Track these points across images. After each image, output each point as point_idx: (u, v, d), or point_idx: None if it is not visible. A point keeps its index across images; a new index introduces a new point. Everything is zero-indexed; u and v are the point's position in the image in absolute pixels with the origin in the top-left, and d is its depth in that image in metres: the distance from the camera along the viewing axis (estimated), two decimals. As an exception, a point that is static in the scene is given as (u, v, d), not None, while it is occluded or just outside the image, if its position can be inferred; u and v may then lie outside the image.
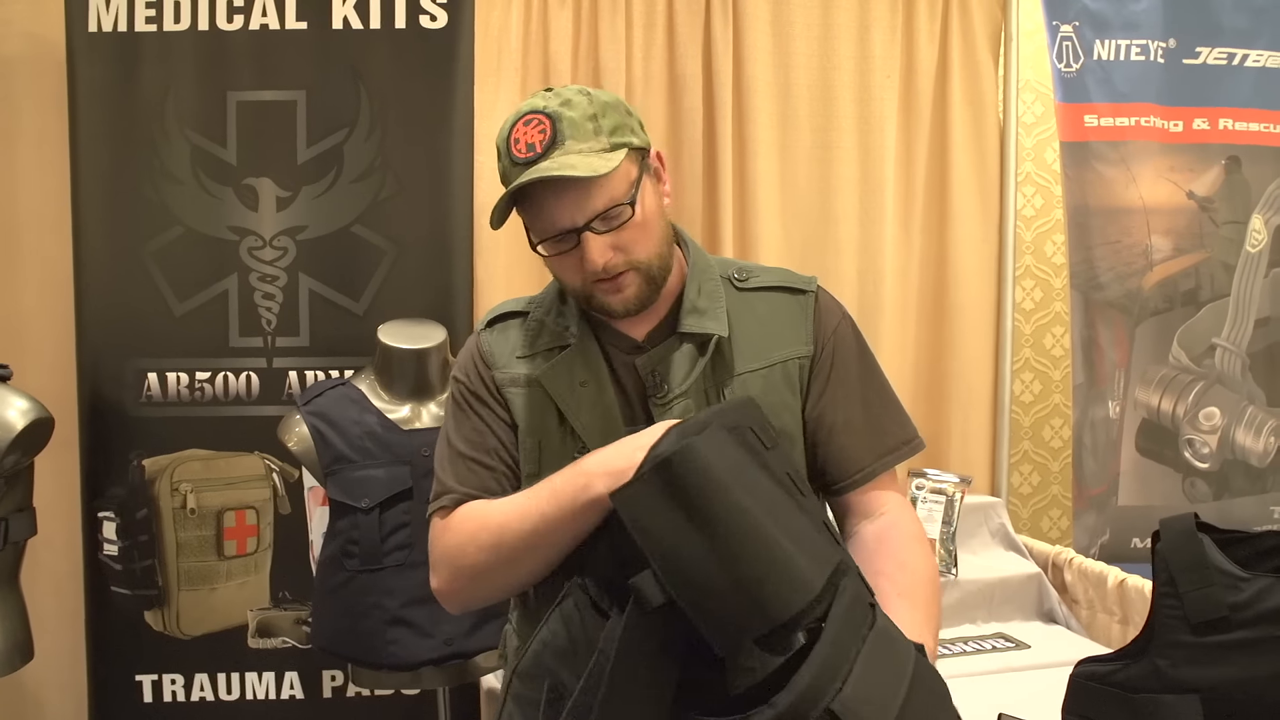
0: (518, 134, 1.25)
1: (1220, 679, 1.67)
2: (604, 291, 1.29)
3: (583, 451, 1.27)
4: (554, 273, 1.34)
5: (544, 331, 1.38)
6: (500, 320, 1.43)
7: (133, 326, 2.47)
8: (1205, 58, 2.91)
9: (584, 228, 1.25)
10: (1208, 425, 2.95)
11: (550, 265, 1.32)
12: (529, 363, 1.37)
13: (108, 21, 2.43)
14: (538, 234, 1.28)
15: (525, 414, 1.35)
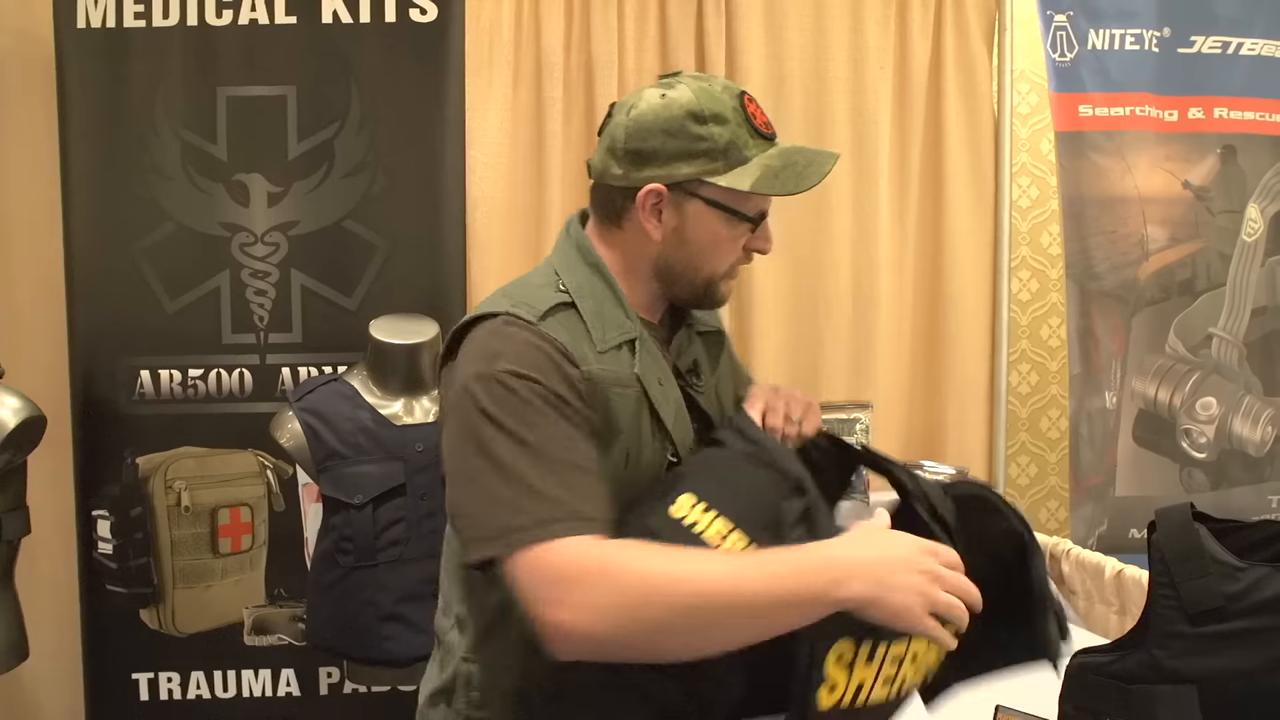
0: (752, 109, 1.28)
1: (1217, 669, 1.67)
2: (731, 278, 1.33)
3: (673, 455, 1.25)
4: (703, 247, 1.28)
5: (608, 323, 1.25)
6: (552, 311, 1.24)
7: (125, 324, 2.46)
8: (1200, 46, 2.90)
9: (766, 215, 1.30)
10: (1205, 415, 2.95)
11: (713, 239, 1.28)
12: (605, 359, 1.23)
13: (96, 17, 2.42)
14: (759, 208, 1.29)
15: (627, 418, 1.22)
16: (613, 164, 1.28)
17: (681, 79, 1.29)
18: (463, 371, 1.20)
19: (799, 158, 1.28)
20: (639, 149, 1.26)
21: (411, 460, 2.06)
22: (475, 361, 1.19)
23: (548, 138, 2.79)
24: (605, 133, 1.31)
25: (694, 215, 1.27)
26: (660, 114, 1.25)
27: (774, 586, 1.07)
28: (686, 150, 1.24)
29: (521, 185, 2.81)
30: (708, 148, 1.24)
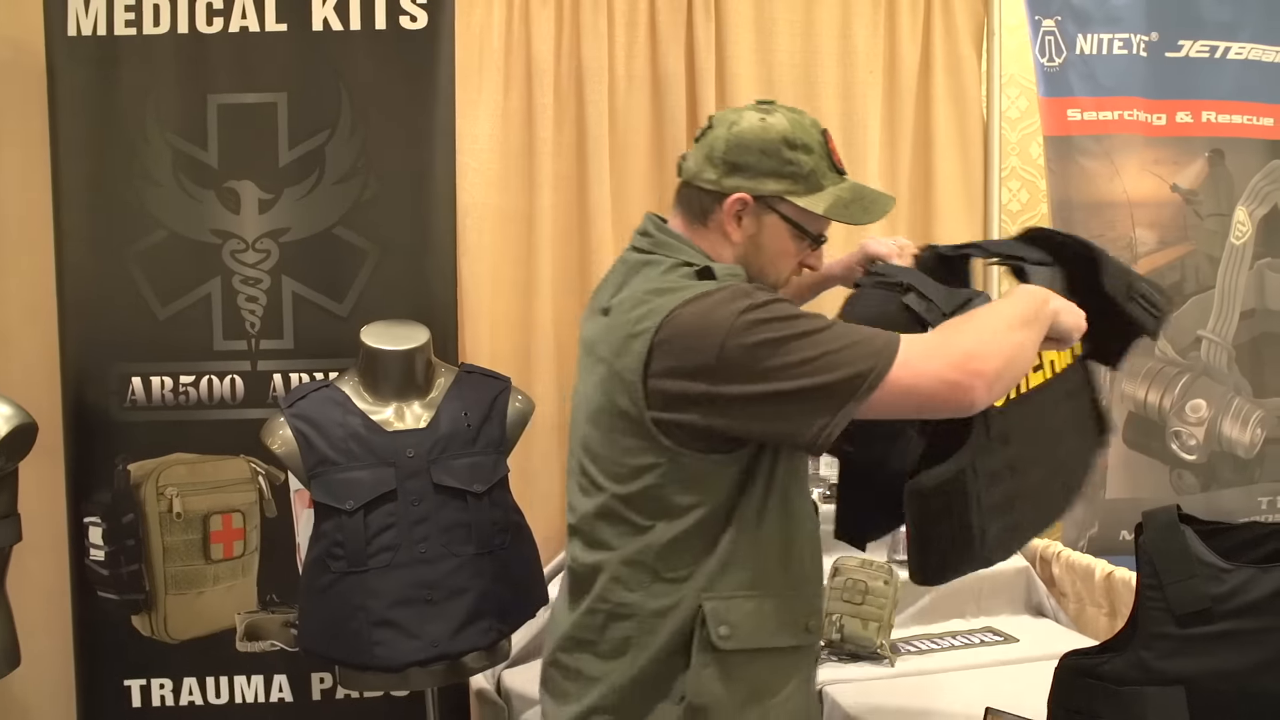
0: (833, 146, 1.51)
1: (1204, 670, 1.68)
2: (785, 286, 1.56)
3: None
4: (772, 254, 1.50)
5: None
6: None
7: (116, 331, 2.46)
8: (1188, 51, 2.92)
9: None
10: (1194, 417, 2.96)
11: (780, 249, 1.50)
12: None
13: (87, 25, 2.42)
14: (818, 231, 1.51)
15: None
16: (708, 169, 1.48)
17: (777, 108, 1.50)
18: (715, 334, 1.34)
19: (866, 194, 1.52)
20: (735, 161, 1.46)
21: (403, 466, 2.06)
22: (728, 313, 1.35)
23: (538, 143, 2.80)
24: (704, 141, 1.51)
25: (770, 226, 1.49)
26: (759, 134, 1.46)
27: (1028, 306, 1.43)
28: (776, 170, 1.46)
29: (512, 191, 2.82)
30: (793, 171, 1.46)
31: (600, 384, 1.46)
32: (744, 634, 1.44)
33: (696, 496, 1.42)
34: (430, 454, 2.08)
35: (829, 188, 1.48)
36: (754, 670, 1.46)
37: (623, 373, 1.40)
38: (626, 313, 1.43)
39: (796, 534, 1.50)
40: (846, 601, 2.31)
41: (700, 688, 1.42)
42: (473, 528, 2.09)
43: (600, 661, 1.48)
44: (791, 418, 1.34)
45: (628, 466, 1.43)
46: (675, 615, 1.44)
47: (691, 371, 1.36)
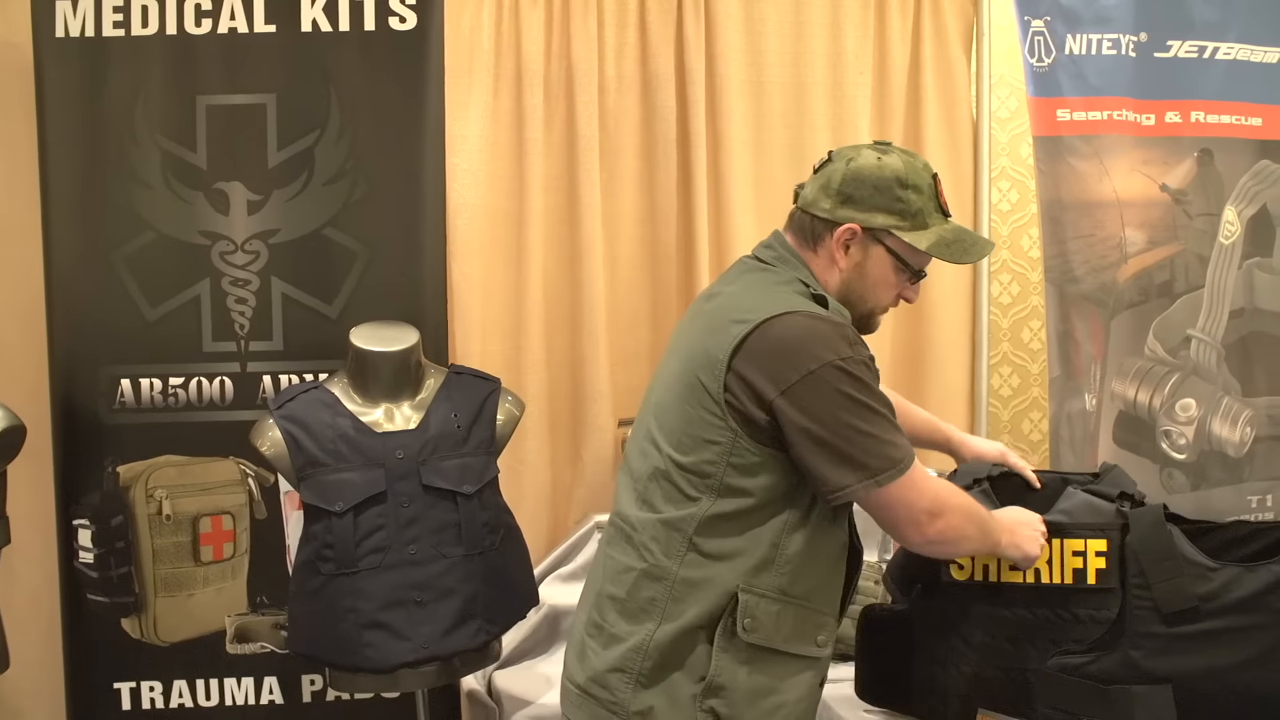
0: (940, 189, 1.64)
1: (1191, 668, 1.68)
2: (881, 317, 1.70)
3: None
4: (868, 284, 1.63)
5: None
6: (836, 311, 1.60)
7: (105, 333, 2.45)
8: (1176, 51, 2.92)
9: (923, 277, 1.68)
10: (1184, 416, 2.96)
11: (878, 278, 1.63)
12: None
13: (75, 26, 2.42)
14: (919, 266, 1.64)
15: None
16: (823, 199, 1.61)
17: (892, 149, 1.63)
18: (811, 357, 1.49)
19: (966, 236, 1.65)
20: (850, 194, 1.59)
21: (392, 467, 2.06)
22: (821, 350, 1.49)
23: (528, 144, 2.80)
24: (822, 173, 1.64)
25: (875, 257, 1.61)
26: (874, 172, 1.59)
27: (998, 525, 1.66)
28: (886, 206, 1.59)
29: (502, 192, 2.82)
30: (903, 209, 1.59)
31: (687, 357, 1.57)
32: (763, 632, 1.54)
33: (748, 484, 1.52)
34: (420, 455, 2.08)
35: (934, 227, 1.60)
36: (768, 666, 1.55)
37: (711, 349, 1.53)
38: (734, 301, 1.58)
39: (832, 556, 1.61)
40: (837, 601, 2.31)
41: (722, 668, 1.52)
42: (462, 529, 2.09)
43: (625, 622, 1.57)
44: (825, 466, 1.49)
45: (691, 437, 1.54)
46: (706, 592, 1.53)
47: (773, 376, 1.49)
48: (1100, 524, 1.73)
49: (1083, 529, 1.73)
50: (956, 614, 1.82)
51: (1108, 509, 1.75)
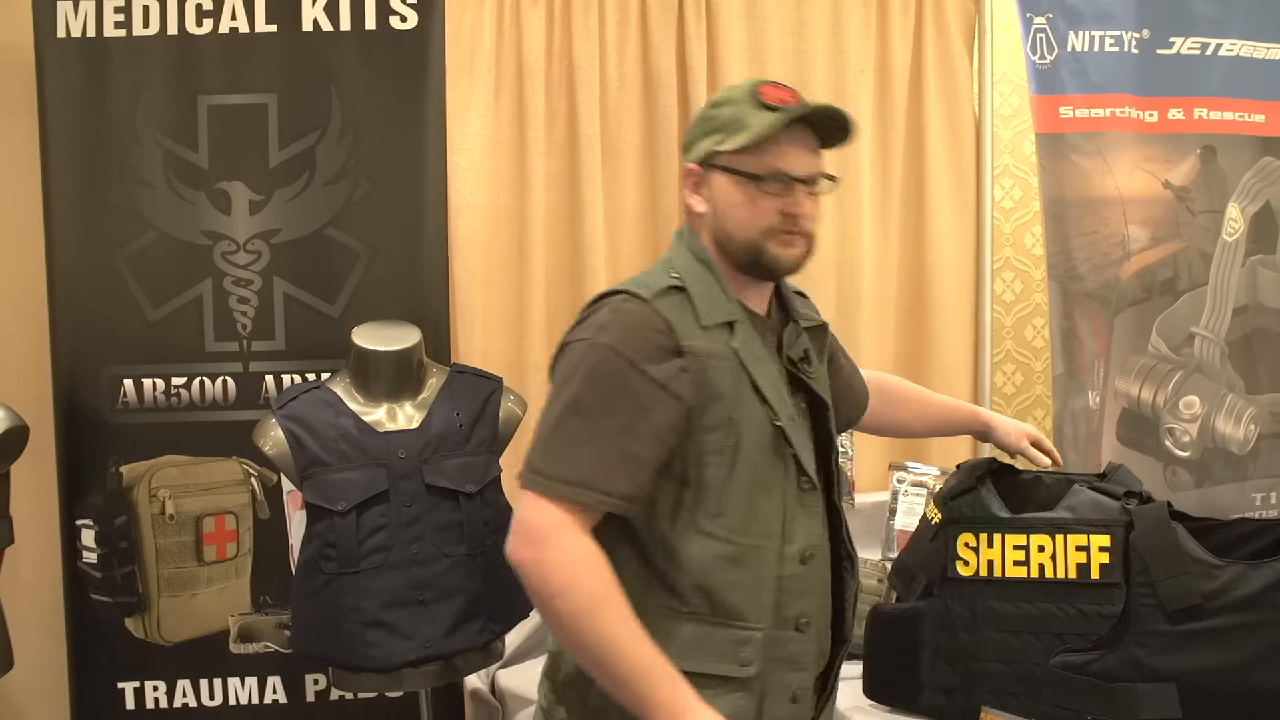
0: (765, 90, 1.44)
1: (1196, 666, 1.68)
2: (782, 243, 1.45)
3: (776, 420, 1.44)
4: (731, 213, 1.45)
5: (715, 305, 1.44)
6: (665, 293, 1.43)
7: (107, 333, 2.45)
8: (1179, 48, 2.91)
9: (805, 180, 1.44)
10: (1188, 414, 2.95)
11: (735, 203, 1.44)
12: (710, 335, 1.42)
13: (76, 27, 2.42)
14: (766, 167, 1.42)
15: (726, 385, 1.41)
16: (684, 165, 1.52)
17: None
18: (579, 334, 1.41)
19: (784, 111, 1.42)
20: (685, 142, 1.52)
21: (394, 467, 2.06)
22: (590, 329, 1.40)
23: (530, 143, 2.79)
24: None
25: (718, 185, 1.46)
26: (697, 113, 1.52)
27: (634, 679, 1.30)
28: (704, 131, 1.47)
29: (504, 190, 2.82)
30: (716, 125, 1.45)
31: None
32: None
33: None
34: (422, 455, 2.08)
35: (754, 124, 1.41)
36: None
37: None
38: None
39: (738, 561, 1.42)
40: (840, 600, 2.30)
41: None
42: (465, 528, 2.09)
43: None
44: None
45: None
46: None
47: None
48: (1104, 520, 1.73)
49: (1085, 525, 1.74)
50: (963, 610, 1.84)
51: (1112, 506, 1.75)
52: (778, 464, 1.44)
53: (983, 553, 1.81)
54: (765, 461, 1.43)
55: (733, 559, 1.41)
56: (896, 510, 2.68)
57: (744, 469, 1.42)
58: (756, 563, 1.42)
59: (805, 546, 1.46)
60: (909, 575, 1.95)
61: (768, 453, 1.44)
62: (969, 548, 1.84)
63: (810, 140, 1.46)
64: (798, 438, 1.46)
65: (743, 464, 1.42)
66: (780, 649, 1.44)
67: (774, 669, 1.44)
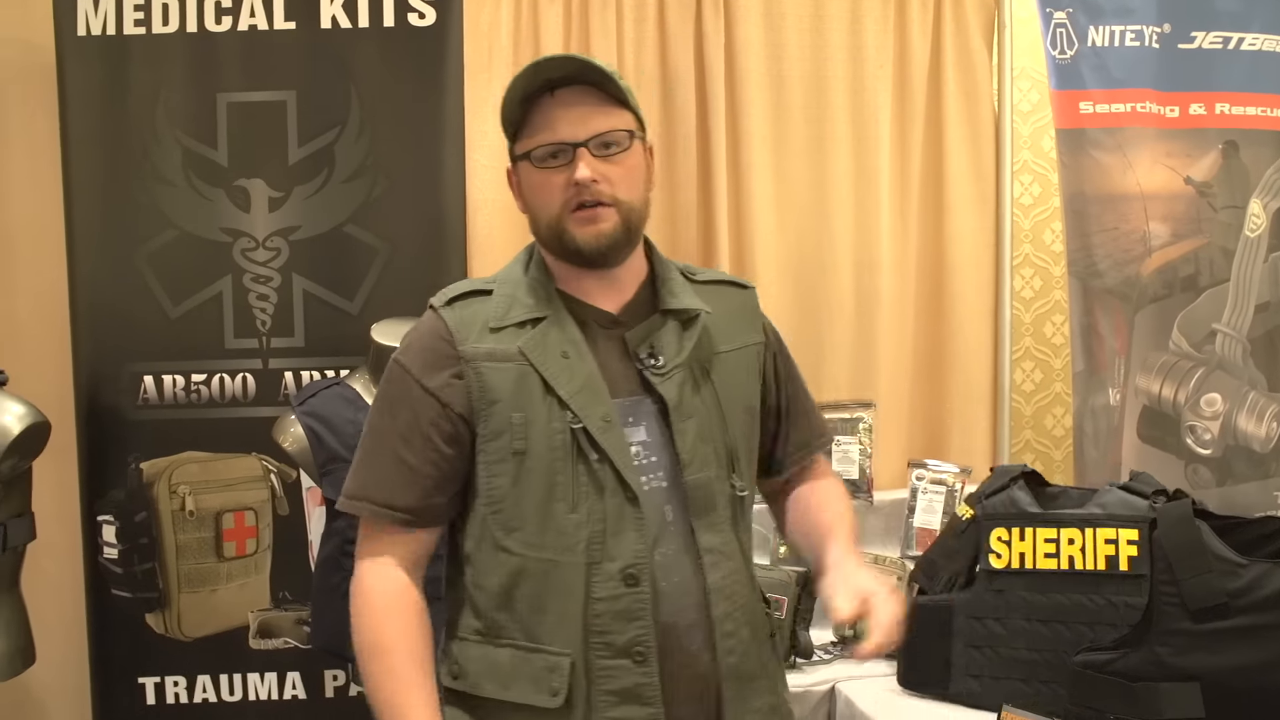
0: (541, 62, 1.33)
1: (1220, 665, 1.67)
2: (579, 221, 1.32)
3: (575, 423, 1.30)
4: (532, 201, 1.36)
5: (515, 304, 1.36)
6: (462, 297, 1.38)
7: (128, 330, 2.47)
8: (1200, 42, 2.89)
9: (583, 143, 1.30)
10: (1209, 411, 2.94)
11: (532, 189, 1.35)
12: (499, 336, 1.34)
13: (96, 25, 2.43)
14: (535, 142, 1.32)
15: (507, 388, 1.32)
16: None
17: None
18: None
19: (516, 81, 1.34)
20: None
21: (413, 463, 2.06)
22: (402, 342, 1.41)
23: (548, 140, 2.79)
24: None
25: (521, 177, 1.37)
26: None
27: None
28: (503, 125, 1.38)
29: (522, 187, 2.81)
30: (503, 116, 1.37)
31: None
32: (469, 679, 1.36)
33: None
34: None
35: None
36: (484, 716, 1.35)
37: None
38: None
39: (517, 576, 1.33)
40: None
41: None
42: (483, 524, 2.08)
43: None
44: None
45: None
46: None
47: None
48: (1132, 516, 1.76)
49: (1114, 520, 1.79)
50: (995, 600, 1.90)
51: (1141, 504, 1.77)
52: (582, 472, 1.31)
53: (1014, 545, 1.89)
54: (564, 468, 1.31)
55: (530, 575, 1.32)
56: (916, 508, 2.67)
57: (535, 477, 1.31)
58: (558, 581, 1.31)
59: (628, 565, 1.30)
60: (935, 570, 2.02)
61: (568, 459, 1.31)
62: (1002, 541, 1.91)
63: (593, 97, 1.32)
64: (612, 442, 1.31)
65: (532, 471, 1.31)
66: (606, 680, 1.29)
67: (601, 702, 1.29)
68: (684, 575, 1.34)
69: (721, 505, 1.38)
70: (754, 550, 1.51)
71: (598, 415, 1.32)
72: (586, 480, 1.31)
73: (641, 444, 1.35)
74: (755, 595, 1.44)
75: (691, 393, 1.37)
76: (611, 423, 1.32)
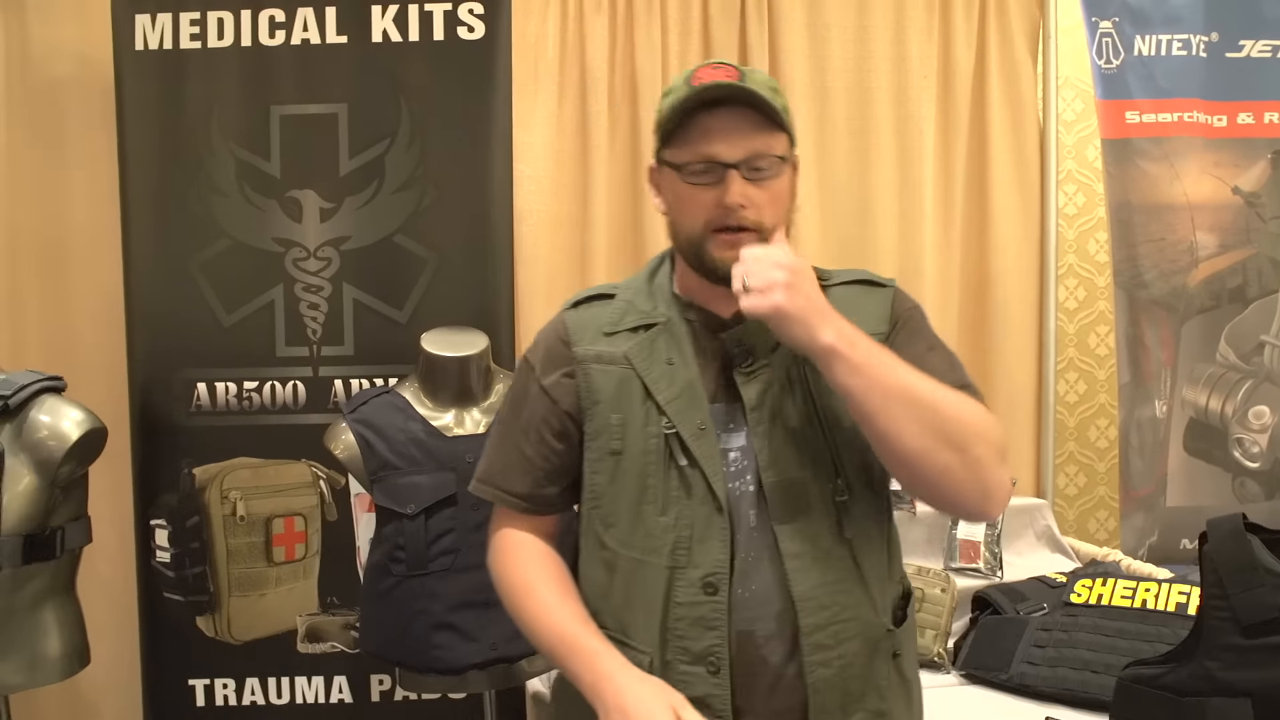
0: (701, 73, 1.30)
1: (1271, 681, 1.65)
2: (721, 244, 1.30)
3: (669, 428, 1.32)
4: (676, 211, 1.34)
5: (631, 310, 1.40)
6: (587, 301, 1.44)
7: (182, 338, 2.51)
8: (1249, 51, 2.87)
9: (735, 164, 1.28)
10: (1258, 424, 2.90)
11: (678, 199, 1.33)
12: (613, 340, 1.38)
13: (154, 40, 2.48)
14: (688, 155, 1.30)
15: (609, 389, 1.36)
16: None
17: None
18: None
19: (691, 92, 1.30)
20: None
21: (463, 471, 2.07)
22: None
23: (592, 151, 2.82)
24: None
25: (666, 183, 1.36)
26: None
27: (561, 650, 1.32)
28: (656, 128, 1.36)
29: (567, 198, 2.84)
30: (659, 120, 1.35)
31: None
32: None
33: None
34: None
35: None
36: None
37: None
38: None
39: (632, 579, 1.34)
40: (903, 608, 2.31)
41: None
42: (531, 532, 2.10)
43: None
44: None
45: None
46: None
47: None
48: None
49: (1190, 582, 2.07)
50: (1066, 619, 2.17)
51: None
52: (674, 476, 1.32)
53: (1096, 589, 2.19)
54: (655, 472, 1.32)
55: (621, 571, 1.34)
56: (958, 520, 2.67)
57: (629, 478, 1.34)
58: (644, 581, 1.32)
59: (709, 573, 1.30)
60: (1019, 596, 2.29)
61: (660, 463, 1.32)
62: (1085, 588, 2.22)
63: (750, 119, 1.29)
64: (704, 450, 1.31)
65: (627, 472, 1.34)
66: (682, 685, 1.28)
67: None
68: (764, 583, 1.31)
69: (817, 510, 1.32)
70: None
71: (693, 422, 1.32)
72: (677, 485, 1.32)
73: (740, 449, 1.33)
74: (873, 608, 1.35)
75: (780, 393, 1.34)
76: (706, 430, 1.32)
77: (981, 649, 2.24)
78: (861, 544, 1.35)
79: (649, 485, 1.32)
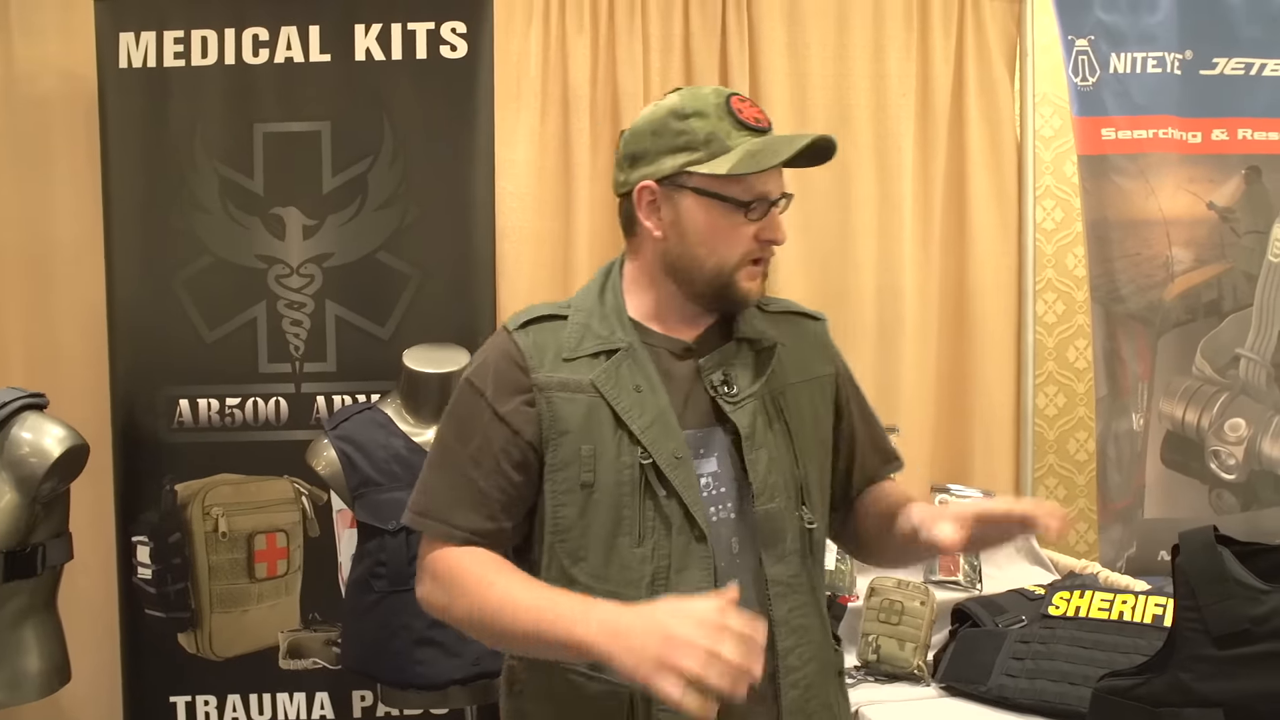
0: (738, 105, 1.33)
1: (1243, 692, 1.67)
2: (751, 275, 1.34)
3: (645, 458, 1.29)
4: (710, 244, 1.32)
5: (588, 335, 1.35)
6: (535, 322, 1.37)
7: (164, 354, 2.52)
8: (1222, 68, 2.91)
9: (779, 199, 1.34)
10: (1233, 436, 2.93)
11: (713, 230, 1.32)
12: (573, 366, 1.33)
13: (138, 58, 2.49)
14: (750, 196, 1.31)
15: (577, 419, 1.31)
16: (618, 174, 1.38)
17: (679, 90, 1.39)
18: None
19: (781, 141, 1.32)
20: (632, 153, 1.35)
21: (444, 487, 2.09)
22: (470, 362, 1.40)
23: (575, 168, 2.84)
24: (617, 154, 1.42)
25: (687, 207, 1.32)
26: (648, 118, 1.36)
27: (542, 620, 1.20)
28: (670, 145, 1.32)
29: (549, 214, 2.86)
30: (688, 140, 1.31)
31: None
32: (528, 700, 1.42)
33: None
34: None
35: (739, 146, 1.30)
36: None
37: None
38: None
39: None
40: (883, 622, 2.31)
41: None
42: (513, 548, 2.11)
43: None
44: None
45: None
46: None
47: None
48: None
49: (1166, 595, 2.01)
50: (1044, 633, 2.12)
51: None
52: (650, 507, 1.29)
53: (1073, 601, 2.16)
54: (630, 503, 1.29)
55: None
56: (939, 532, 2.68)
57: (601, 509, 1.29)
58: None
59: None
60: (998, 608, 2.26)
61: (635, 494, 1.29)
62: (1064, 600, 2.19)
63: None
64: (682, 479, 1.29)
65: (599, 504, 1.29)
66: (666, 714, 1.27)
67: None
68: (748, 608, 1.24)
69: (791, 537, 1.35)
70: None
71: (669, 451, 1.30)
72: (654, 516, 1.29)
73: (712, 475, 1.33)
74: (825, 630, 1.40)
75: (764, 423, 1.36)
76: (683, 459, 1.30)
77: (960, 661, 2.25)
78: (815, 568, 1.40)
79: (624, 517, 1.29)
